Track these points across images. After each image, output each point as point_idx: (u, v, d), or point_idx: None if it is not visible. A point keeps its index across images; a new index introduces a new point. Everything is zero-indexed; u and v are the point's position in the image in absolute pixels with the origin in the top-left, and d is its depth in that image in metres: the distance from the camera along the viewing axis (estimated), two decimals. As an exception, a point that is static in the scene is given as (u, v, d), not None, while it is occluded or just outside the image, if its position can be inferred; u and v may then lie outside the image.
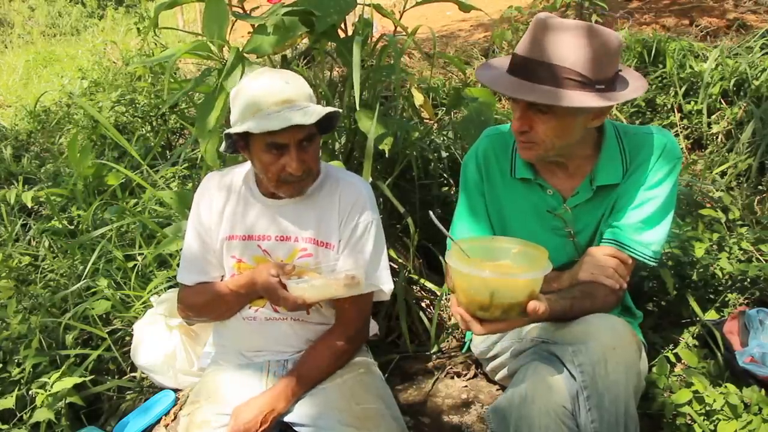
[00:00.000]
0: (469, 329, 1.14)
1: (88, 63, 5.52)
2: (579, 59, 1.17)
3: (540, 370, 1.25)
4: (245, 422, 1.30)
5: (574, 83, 1.17)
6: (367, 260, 1.42)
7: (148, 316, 1.82)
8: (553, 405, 1.18)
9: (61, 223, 2.46)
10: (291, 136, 1.26)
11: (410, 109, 2.45)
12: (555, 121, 1.22)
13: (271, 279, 1.30)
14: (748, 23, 4.29)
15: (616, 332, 1.19)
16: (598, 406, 1.14)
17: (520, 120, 1.25)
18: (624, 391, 1.15)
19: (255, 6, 2.20)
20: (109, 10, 11.31)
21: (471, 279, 1.07)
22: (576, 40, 1.17)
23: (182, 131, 3.54)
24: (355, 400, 1.35)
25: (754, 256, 1.82)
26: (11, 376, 1.75)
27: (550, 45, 1.18)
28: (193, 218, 1.49)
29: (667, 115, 3.08)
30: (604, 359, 1.15)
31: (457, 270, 1.08)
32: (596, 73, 1.18)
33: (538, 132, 1.25)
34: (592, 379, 1.15)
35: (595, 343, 1.17)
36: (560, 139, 1.26)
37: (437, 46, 4.47)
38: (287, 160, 1.28)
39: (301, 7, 1.73)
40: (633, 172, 1.35)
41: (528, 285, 1.09)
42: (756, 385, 1.45)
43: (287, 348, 1.49)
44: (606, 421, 1.14)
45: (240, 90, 1.32)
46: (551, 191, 1.40)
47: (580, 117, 1.24)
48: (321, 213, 1.42)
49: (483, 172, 1.47)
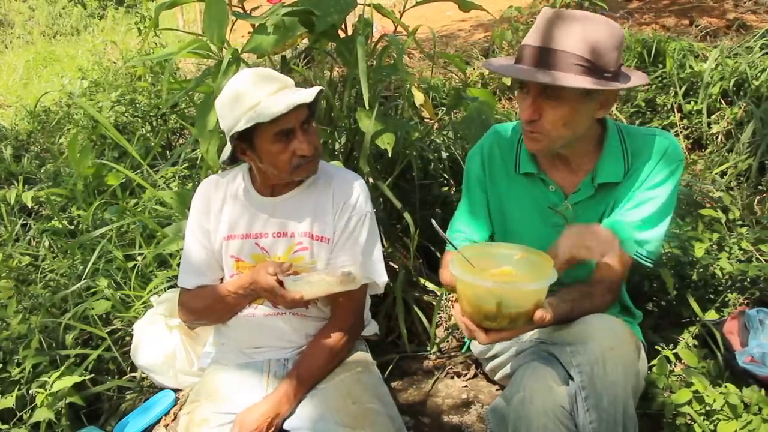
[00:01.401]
0: (474, 338, 1.15)
1: (88, 63, 5.53)
2: (587, 47, 1.18)
3: (539, 371, 1.25)
4: (250, 429, 1.30)
5: (583, 69, 1.19)
6: (360, 253, 1.45)
7: (148, 316, 1.82)
8: (551, 405, 1.18)
9: (61, 223, 2.46)
10: (295, 118, 1.31)
11: (410, 109, 2.45)
12: (564, 108, 1.23)
13: (269, 278, 1.32)
14: (748, 23, 4.28)
15: (614, 332, 1.19)
16: (597, 406, 1.14)
17: (530, 108, 1.25)
18: (623, 391, 1.15)
19: (255, 6, 2.20)
20: (109, 10, 11.31)
21: (478, 289, 1.06)
22: (584, 28, 1.19)
23: (182, 131, 3.54)
24: (351, 398, 1.35)
25: (754, 256, 1.82)
26: (11, 376, 1.75)
27: (558, 33, 1.20)
28: (191, 222, 1.51)
29: (667, 115, 3.08)
30: (602, 359, 1.15)
31: (463, 280, 1.08)
32: (604, 61, 1.20)
33: (547, 120, 1.25)
34: (591, 380, 1.15)
35: (594, 343, 1.17)
36: (567, 128, 1.27)
37: (437, 45, 4.47)
38: (296, 144, 1.33)
39: (301, 7, 1.73)
40: (634, 172, 1.36)
41: (535, 294, 1.09)
42: (756, 385, 1.45)
43: (287, 344, 1.49)
44: (605, 420, 1.14)
45: (226, 96, 1.34)
46: (553, 187, 1.41)
47: (588, 105, 1.25)
48: (316, 208, 1.45)
49: (486, 167, 1.48)
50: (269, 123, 1.28)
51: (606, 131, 1.37)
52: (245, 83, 1.33)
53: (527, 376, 1.25)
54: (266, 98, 1.30)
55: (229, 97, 1.34)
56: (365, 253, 1.46)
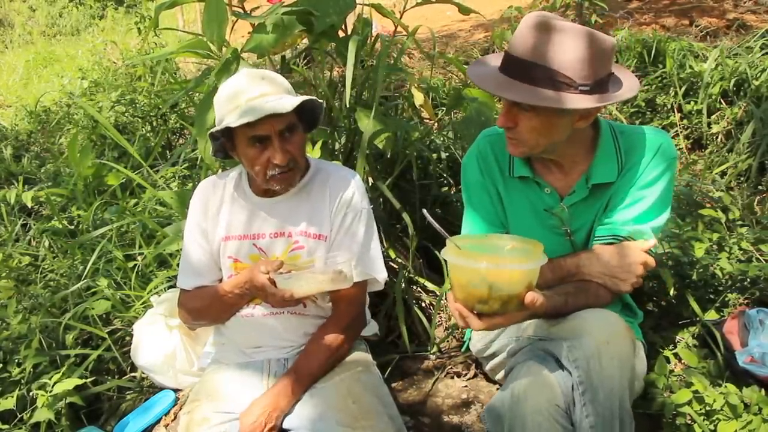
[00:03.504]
0: (468, 325, 1.15)
1: (88, 63, 5.53)
2: (563, 61, 1.18)
3: (533, 369, 1.25)
4: (250, 424, 1.30)
5: (558, 84, 1.19)
6: (358, 249, 1.45)
7: (148, 316, 1.82)
8: (545, 404, 1.18)
9: (61, 223, 2.46)
10: (270, 127, 1.30)
11: (410, 109, 2.45)
12: (538, 120, 1.24)
13: (261, 276, 1.31)
14: (747, 23, 4.29)
15: (609, 326, 1.20)
16: (593, 400, 1.15)
17: (505, 116, 1.27)
18: (619, 384, 1.15)
19: (255, 6, 2.20)
20: (109, 11, 11.32)
21: (469, 272, 1.08)
22: (563, 41, 1.18)
23: (182, 131, 3.54)
24: (351, 398, 1.35)
25: (754, 256, 1.82)
26: (11, 376, 1.75)
27: (536, 45, 1.19)
28: (190, 223, 1.51)
29: (667, 115, 3.08)
30: (598, 353, 1.16)
31: (455, 264, 1.09)
32: (581, 76, 1.18)
33: (522, 129, 1.27)
34: (587, 374, 1.16)
35: (589, 337, 1.18)
36: (544, 138, 1.27)
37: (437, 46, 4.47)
38: (271, 152, 1.32)
39: (300, 7, 1.73)
40: (628, 170, 1.36)
41: (526, 275, 1.10)
42: (756, 385, 1.45)
43: (286, 343, 1.49)
44: (601, 415, 1.15)
45: (220, 92, 1.37)
46: (548, 189, 1.41)
47: (565, 117, 1.25)
48: (312, 206, 1.45)
49: (483, 170, 1.48)
50: (245, 127, 1.29)
51: (599, 133, 1.37)
52: (238, 83, 1.34)
53: (522, 375, 1.26)
54: (243, 104, 1.30)
55: (221, 94, 1.36)
56: (363, 249, 1.46)
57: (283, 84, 1.38)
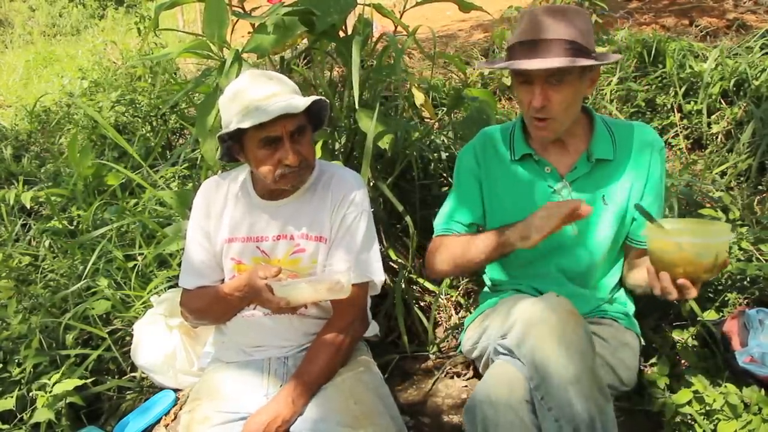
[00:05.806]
0: (689, 296, 1.21)
1: (88, 63, 5.53)
2: (574, 32, 1.31)
3: (498, 368, 1.27)
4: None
5: (576, 52, 1.30)
6: (357, 249, 1.44)
7: (148, 316, 1.82)
8: (513, 402, 1.19)
9: (61, 223, 2.46)
10: (282, 128, 1.29)
11: (410, 109, 2.45)
12: (568, 90, 1.34)
13: (258, 282, 1.30)
14: (747, 23, 4.29)
15: (534, 307, 1.22)
16: (538, 387, 1.17)
17: (541, 95, 1.34)
18: (564, 370, 1.13)
19: (255, 6, 2.20)
20: (109, 11, 11.32)
21: (700, 247, 1.19)
22: (565, 17, 1.32)
23: (182, 131, 3.54)
24: (353, 398, 1.35)
25: (753, 256, 1.82)
26: (11, 376, 1.75)
27: (545, 25, 1.32)
28: (192, 223, 1.51)
29: (667, 115, 3.08)
30: (524, 336, 1.20)
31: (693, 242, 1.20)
32: (590, 43, 1.34)
33: (554, 105, 1.35)
34: (530, 363, 1.18)
35: (517, 324, 1.23)
36: (571, 108, 1.38)
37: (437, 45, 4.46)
38: (283, 153, 1.31)
39: (301, 7, 1.73)
40: (622, 158, 1.46)
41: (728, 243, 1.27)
42: (756, 385, 1.45)
43: (287, 343, 1.49)
44: (558, 406, 1.14)
45: (225, 94, 1.35)
46: (549, 168, 1.48)
47: (583, 83, 1.37)
48: (314, 208, 1.44)
49: (481, 161, 1.55)
50: (255, 128, 1.27)
51: (592, 117, 1.50)
52: (245, 84, 1.33)
53: (491, 375, 1.27)
54: (254, 104, 1.29)
55: (227, 96, 1.34)
56: (362, 251, 1.45)
57: (290, 84, 1.37)
